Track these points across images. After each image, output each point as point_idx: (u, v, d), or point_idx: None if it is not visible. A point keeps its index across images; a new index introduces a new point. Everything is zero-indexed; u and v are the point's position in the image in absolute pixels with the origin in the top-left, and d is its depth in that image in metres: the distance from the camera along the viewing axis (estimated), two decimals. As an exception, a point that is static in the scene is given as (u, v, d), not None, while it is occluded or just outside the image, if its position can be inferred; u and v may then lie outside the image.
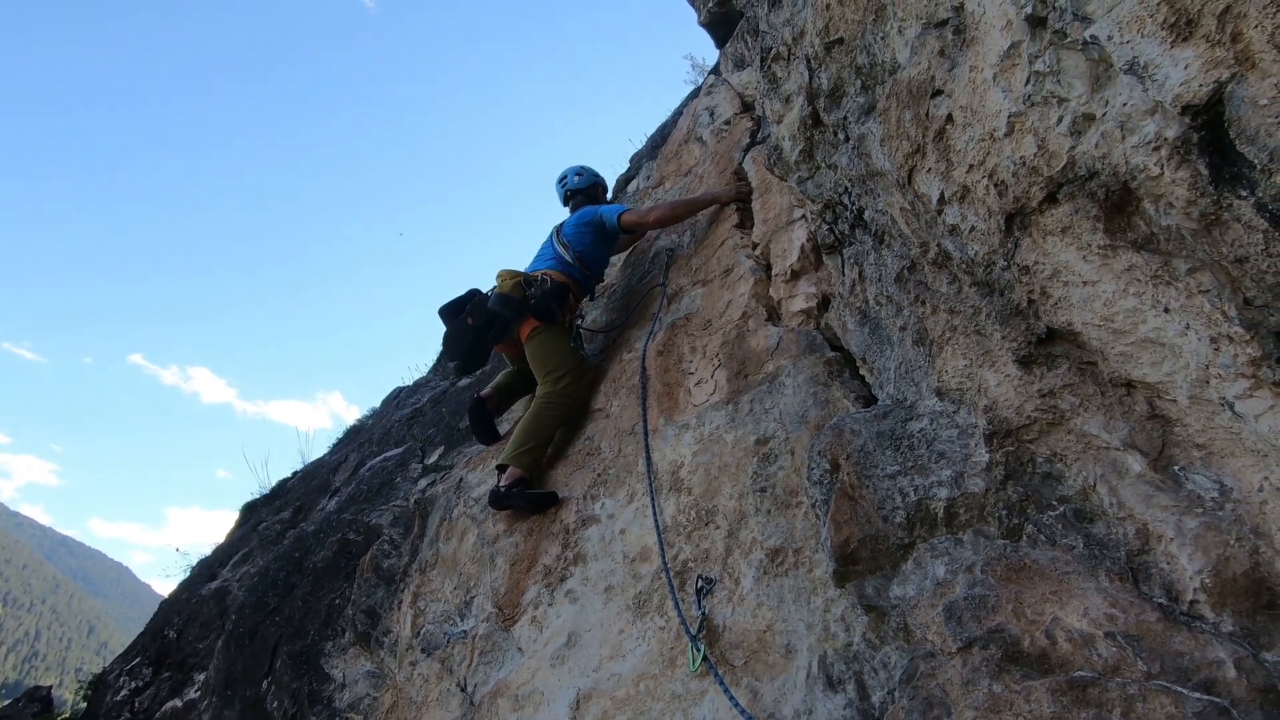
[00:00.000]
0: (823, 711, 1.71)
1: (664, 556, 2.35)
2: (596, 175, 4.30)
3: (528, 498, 3.04)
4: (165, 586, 6.84)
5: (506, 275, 3.64)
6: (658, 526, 2.46)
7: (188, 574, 6.50)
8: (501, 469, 3.18)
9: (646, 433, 2.83)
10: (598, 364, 3.71)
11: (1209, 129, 1.04)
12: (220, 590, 5.48)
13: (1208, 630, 1.14)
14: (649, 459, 2.72)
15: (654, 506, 2.55)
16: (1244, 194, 1.00)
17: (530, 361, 3.52)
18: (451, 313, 3.69)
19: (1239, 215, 1.02)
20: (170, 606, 6.06)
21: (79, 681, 6.24)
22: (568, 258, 3.76)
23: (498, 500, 3.10)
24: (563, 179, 4.28)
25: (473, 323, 3.55)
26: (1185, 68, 1.03)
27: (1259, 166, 0.97)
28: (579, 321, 3.73)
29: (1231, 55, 0.98)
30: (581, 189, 4.19)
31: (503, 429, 3.93)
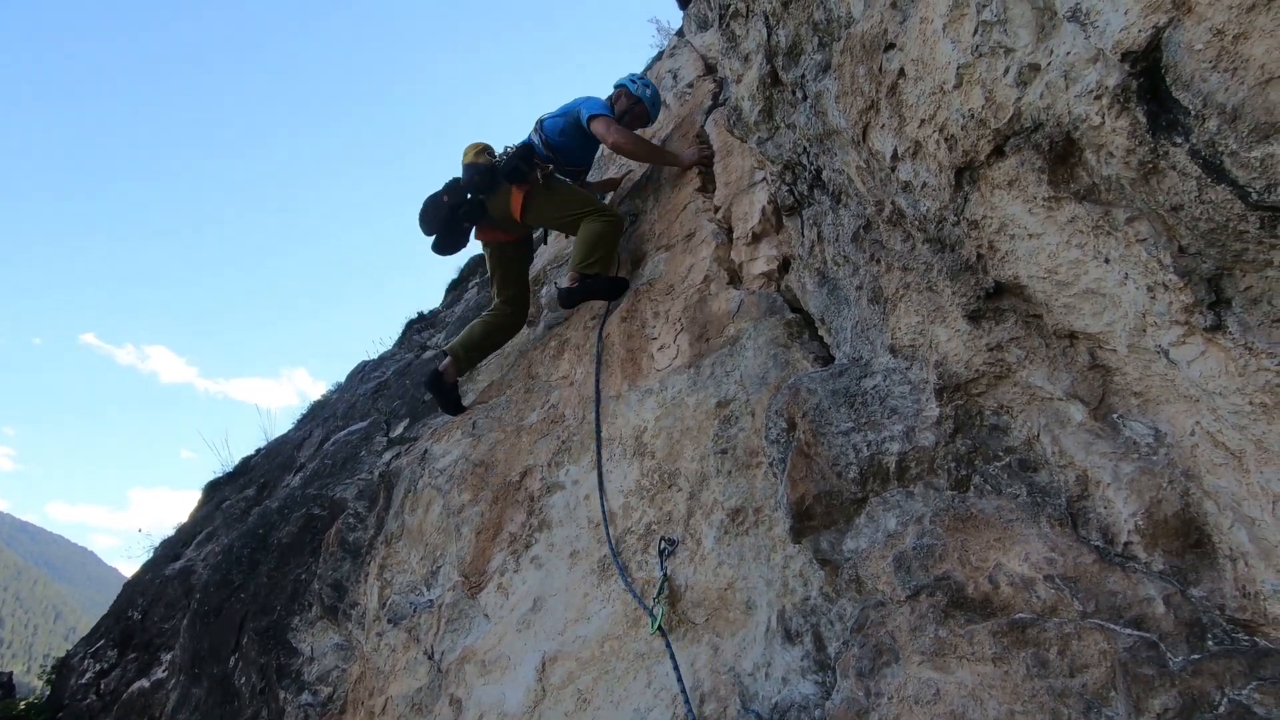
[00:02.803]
0: (781, 664, 1.75)
1: (608, 532, 2.39)
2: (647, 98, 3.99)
3: (613, 283, 3.21)
4: (132, 569, 6.72)
5: (469, 149, 3.62)
6: (603, 505, 2.50)
7: (151, 555, 6.39)
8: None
9: (599, 401, 2.84)
10: (562, 332, 3.68)
11: (1147, 76, 1.04)
12: (185, 570, 5.40)
13: (1140, 570, 1.18)
14: (598, 430, 2.74)
15: (600, 482, 2.58)
16: (1179, 141, 1.01)
17: (551, 224, 3.60)
18: (430, 201, 3.64)
19: (1174, 163, 1.03)
20: (134, 587, 5.96)
21: (42, 667, 6.14)
22: (536, 140, 3.70)
23: (570, 296, 3.27)
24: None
25: (448, 200, 3.51)
26: (1125, 13, 1.03)
27: (1193, 113, 0.98)
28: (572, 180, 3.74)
29: (1169, 0, 0.98)
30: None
31: (466, 400, 3.89)
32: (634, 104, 3.89)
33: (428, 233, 3.62)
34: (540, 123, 3.82)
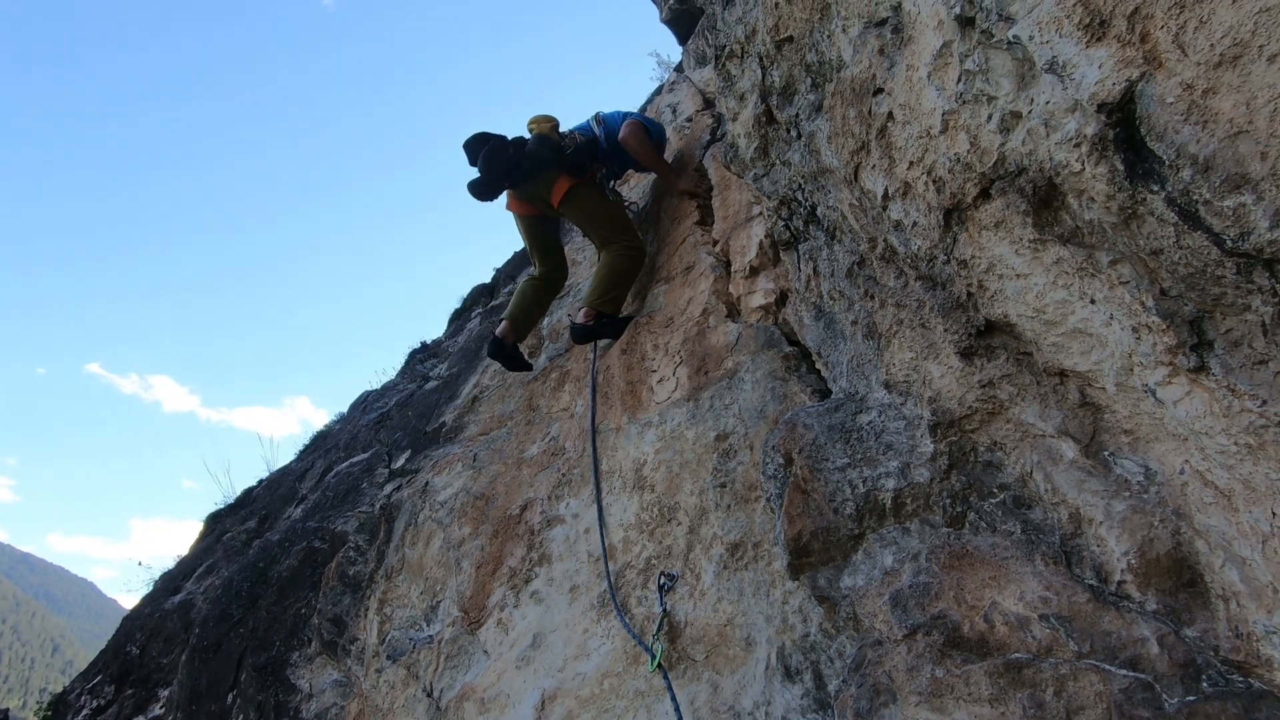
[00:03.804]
0: (781, 702, 1.73)
1: (607, 569, 2.38)
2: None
3: (615, 323, 3.31)
4: (131, 601, 6.68)
5: (541, 119, 3.77)
6: (603, 541, 2.49)
7: (151, 588, 6.36)
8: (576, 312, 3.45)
9: (594, 432, 2.85)
10: (563, 364, 3.71)
11: (1123, 126, 1.08)
12: (184, 603, 5.36)
13: (1134, 609, 1.18)
14: (596, 466, 2.74)
15: (600, 519, 2.57)
16: (1155, 189, 1.04)
17: (581, 225, 3.74)
18: (487, 140, 3.70)
19: (1153, 209, 1.06)
20: (133, 622, 5.91)
21: (38, 703, 6.07)
22: (598, 132, 3.90)
23: (585, 334, 3.32)
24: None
25: (512, 154, 3.63)
26: (1099, 67, 1.07)
27: (1167, 162, 1.01)
28: (603, 180, 3.92)
29: (1141, 55, 1.02)
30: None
31: (468, 432, 3.90)
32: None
33: (482, 173, 3.68)
34: (601, 119, 3.99)
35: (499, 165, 3.63)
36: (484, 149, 3.66)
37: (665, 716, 1.95)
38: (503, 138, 3.73)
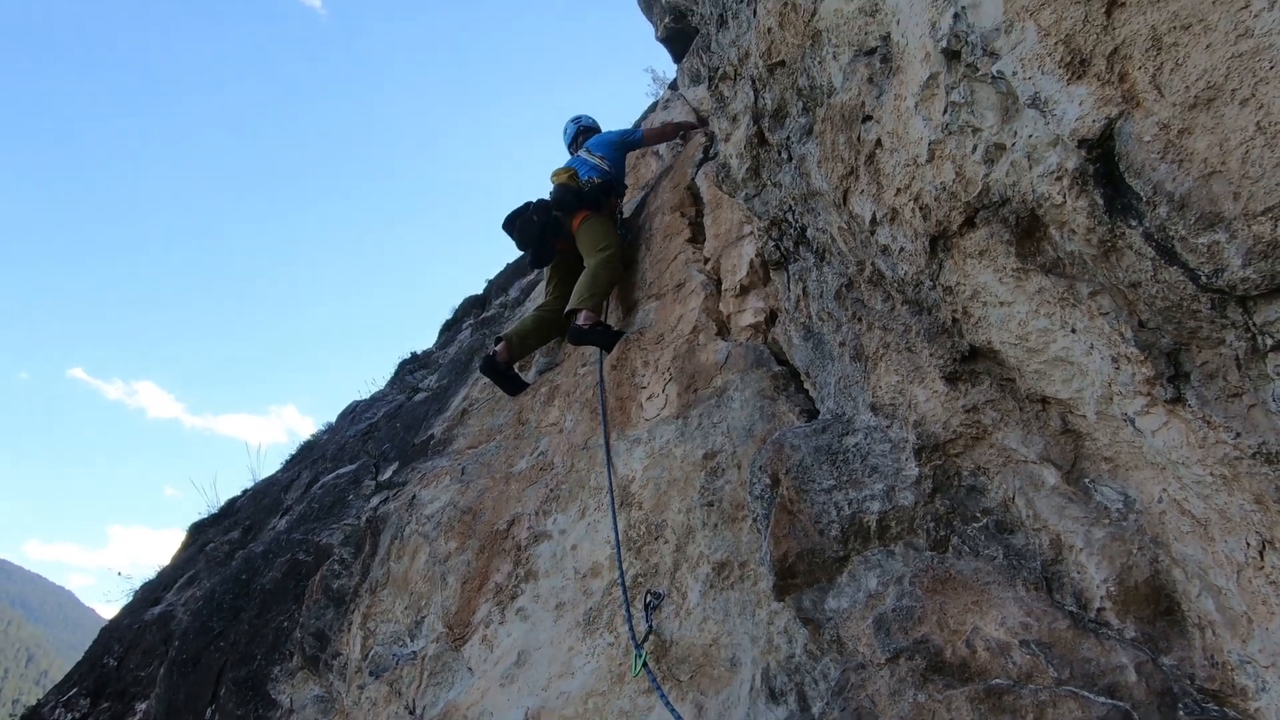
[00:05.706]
0: (764, 724, 1.73)
1: (621, 567, 2.35)
2: (584, 120, 5.11)
3: (609, 334, 3.44)
4: (110, 611, 6.56)
5: (562, 171, 4.24)
6: (617, 538, 2.46)
7: (130, 598, 6.26)
8: (571, 315, 3.63)
9: (608, 447, 2.84)
10: (553, 378, 3.71)
11: (1103, 162, 1.10)
12: (164, 615, 5.28)
13: (1113, 636, 1.19)
14: (610, 474, 2.72)
15: (614, 519, 2.54)
16: (1134, 224, 1.06)
17: (581, 246, 4.00)
18: (516, 216, 4.21)
19: (1131, 244, 1.08)
20: (111, 633, 5.81)
21: (10, 715, 5.94)
22: (605, 166, 4.40)
23: (581, 336, 3.46)
24: (566, 130, 5.14)
25: (538, 219, 4.10)
26: (1080, 104, 1.10)
27: (1144, 198, 1.03)
28: (620, 215, 4.40)
29: (1119, 94, 1.05)
30: (575, 135, 5.01)
31: (456, 445, 3.89)
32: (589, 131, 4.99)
33: (523, 248, 4.28)
34: (589, 152, 4.46)
35: (530, 231, 4.10)
36: (513, 226, 4.18)
37: (649, 737, 1.94)
38: (524, 206, 4.20)
